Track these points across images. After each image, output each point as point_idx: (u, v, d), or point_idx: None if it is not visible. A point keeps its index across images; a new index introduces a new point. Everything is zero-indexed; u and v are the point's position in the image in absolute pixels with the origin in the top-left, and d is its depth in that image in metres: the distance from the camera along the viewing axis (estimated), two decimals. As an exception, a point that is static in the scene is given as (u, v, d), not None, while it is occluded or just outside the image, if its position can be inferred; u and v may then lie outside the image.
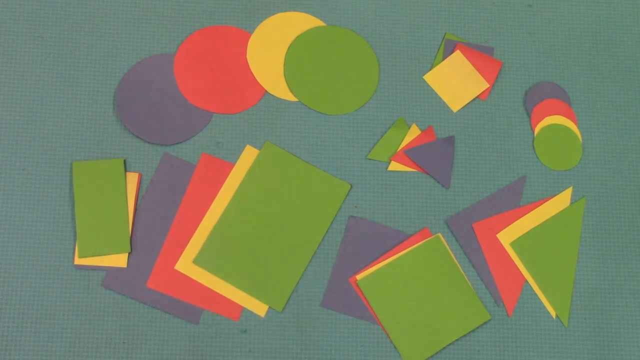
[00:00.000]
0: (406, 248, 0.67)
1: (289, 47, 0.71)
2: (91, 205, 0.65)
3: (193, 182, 0.67)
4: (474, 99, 0.71)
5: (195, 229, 0.66)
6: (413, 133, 0.70)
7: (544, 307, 0.67)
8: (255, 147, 0.68)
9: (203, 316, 0.65)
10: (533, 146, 0.71)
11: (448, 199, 0.69)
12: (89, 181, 0.66)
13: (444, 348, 0.65)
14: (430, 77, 0.72)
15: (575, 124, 0.72)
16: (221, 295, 0.65)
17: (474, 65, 0.72)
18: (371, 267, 0.66)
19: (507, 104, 0.72)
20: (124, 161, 0.67)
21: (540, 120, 0.71)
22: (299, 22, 0.72)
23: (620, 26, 0.75)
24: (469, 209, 0.69)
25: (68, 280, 0.65)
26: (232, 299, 0.65)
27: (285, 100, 0.70)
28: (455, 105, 0.71)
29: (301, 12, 0.72)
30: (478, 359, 0.66)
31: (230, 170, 0.68)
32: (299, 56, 0.71)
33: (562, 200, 0.69)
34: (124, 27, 0.70)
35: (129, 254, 0.65)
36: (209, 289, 0.65)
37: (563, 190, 0.70)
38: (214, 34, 0.71)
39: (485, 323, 0.66)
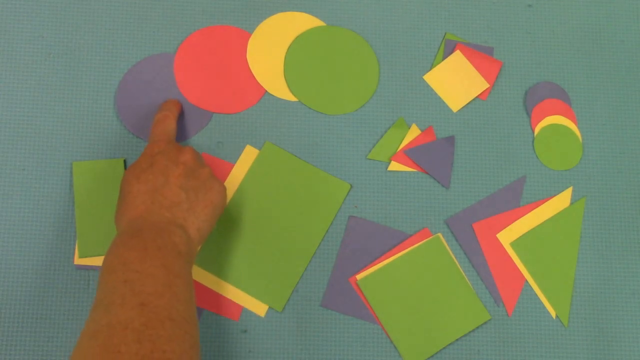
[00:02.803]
0: (406, 248, 0.67)
1: (289, 47, 0.71)
2: (91, 205, 0.65)
3: (193, 182, 0.67)
4: (474, 99, 0.71)
5: (195, 229, 0.66)
6: (413, 133, 0.70)
7: (544, 307, 0.67)
8: (255, 147, 0.68)
9: (203, 316, 0.65)
10: (533, 146, 0.71)
11: (448, 199, 0.69)
12: (89, 181, 0.66)
13: (444, 348, 0.65)
14: (430, 77, 0.72)
15: (575, 124, 0.72)
16: (221, 295, 0.65)
17: (474, 65, 0.72)
18: (371, 267, 0.66)
19: (507, 104, 0.72)
20: (124, 161, 0.67)
21: (540, 120, 0.71)
22: (299, 22, 0.72)
23: (620, 26, 0.75)
24: (469, 209, 0.69)
25: (68, 280, 0.64)
26: (232, 299, 0.65)
27: (285, 100, 0.70)
28: (455, 105, 0.71)
29: (301, 12, 0.72)
30: (478, 359, 0.66)
31: (230, 170, 0.68)
32: (299, 56, 0.71)
33: (562, 200, 0.69)
34: (124, 27, 0.70)
35: (129, 254, 0.65)
36: (209, 289, 0.65)
37: (563, 190, 0.70)
38: (214, 34, 0.71)
39: (485, 323, 0.66)
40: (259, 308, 0.65)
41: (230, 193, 0.67)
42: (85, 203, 0.65)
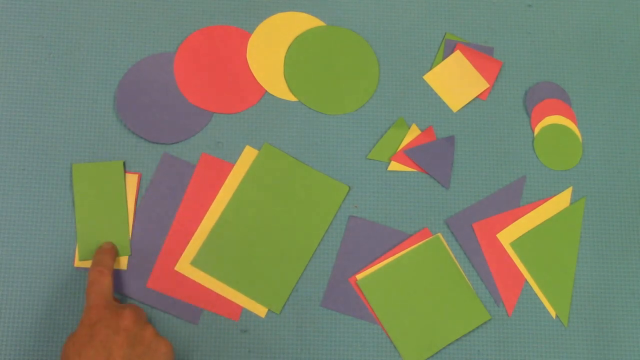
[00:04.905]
0: (406, 248, 0.67)
1: (289, 47, 0.71)
2: (91, 208, 0.65)
3: (193, 182, 0.67)
4: (474, 99, 0.71)
5: (195, 229, 0.66)
6: (413, 133, 0.70)
7: (544, 307, 0.67)
8: (255, 147, 0.68)
9: (203, 316, 0.65)
10: (533, 146, 0.71)
11: (448, 199, 0.69)
12: (88, 184, 0.66)
13: (444, 348, 0.65)
14: (430, 77, 0.72)
15: (575, 124, 0.72)
16: (221, 296, 0.65)
17: (474, 65, 0.72)
18: (371, 267, 0.66)
19: (507, 104, 0.72)
20: (124, 163, 0.67)
21: (540, 120, 0.71)
22: (299, 22, 0.72)
23: (620, 26, 0.75)
24: (469, 209, 0.69)
25: (68, 281, 0.65)
26: (232, 300, 0.65)
27: (285, 100, 0.70)
28: (455, 105, 0.71)
29: (301, 12, 0.72)
30: (478, 359, 0.66)
31: (230, 170, 0.68)
32: (299, 56, 0.71)
33: (562, 200, 0.69)
34: (124, 27, 0.70)
35: (129, 255, 0.65)
36: (209, 289, 0.65)
37: (563, 190, 0.70)
38: (214, 34, 0.71)
39: (485, 323, 0.66)
40: (259, 309, 0.65)
41: (230, 194, 0.67)
42: (85, 205, 0.65)
